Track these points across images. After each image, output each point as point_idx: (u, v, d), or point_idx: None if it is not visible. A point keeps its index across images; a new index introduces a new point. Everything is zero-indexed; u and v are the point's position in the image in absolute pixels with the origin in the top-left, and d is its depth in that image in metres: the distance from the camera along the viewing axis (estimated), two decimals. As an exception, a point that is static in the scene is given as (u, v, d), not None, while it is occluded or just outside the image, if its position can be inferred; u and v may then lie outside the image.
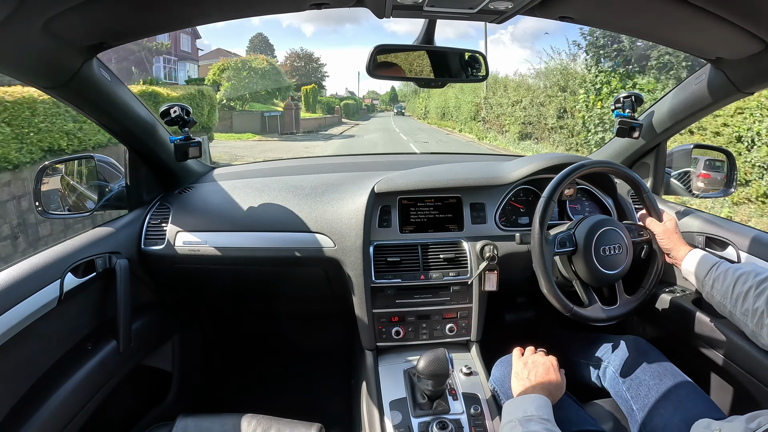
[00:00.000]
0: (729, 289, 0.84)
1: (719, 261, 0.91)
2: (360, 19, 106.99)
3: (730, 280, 0.85)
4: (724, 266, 0.88)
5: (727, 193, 1.37)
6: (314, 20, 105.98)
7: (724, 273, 0.87)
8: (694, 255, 0.96)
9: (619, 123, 1.25)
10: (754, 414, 0.65)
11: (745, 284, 0.81)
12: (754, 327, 0.78)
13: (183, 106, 1.14)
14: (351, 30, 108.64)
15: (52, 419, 0.87)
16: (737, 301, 0.82)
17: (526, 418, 0.75)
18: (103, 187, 1.18)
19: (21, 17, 0.61)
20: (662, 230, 1.04)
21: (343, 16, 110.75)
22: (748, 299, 0.80)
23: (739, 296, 0.82)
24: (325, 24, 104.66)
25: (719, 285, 0.87)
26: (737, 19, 0.71)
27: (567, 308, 0.98)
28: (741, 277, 0.83)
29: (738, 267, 0.86)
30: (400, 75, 1.03)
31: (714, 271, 0.89)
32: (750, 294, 0.80)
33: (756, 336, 0.79)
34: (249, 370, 1.80)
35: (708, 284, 0.89)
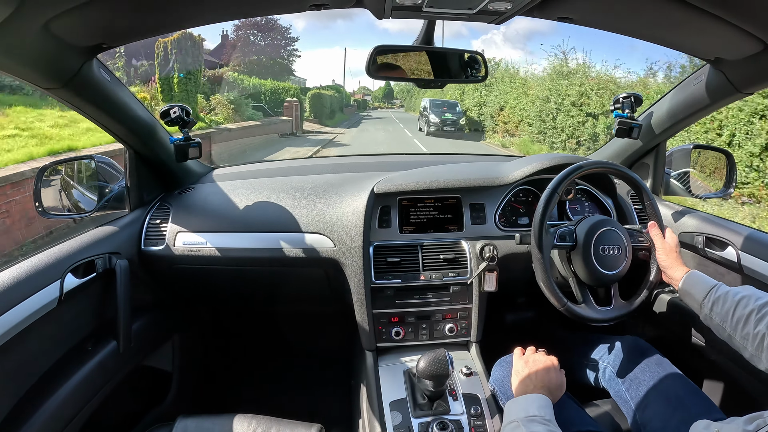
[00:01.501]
0: (729, 312, 0.82)
1: (718, 283, 0.89)
2: (353, 16, 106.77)
3: (730, 303, 0.83)
4: (723, 289, 0.87)
5: (726, 194, 1.37)
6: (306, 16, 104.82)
7: (724, 296, 0.85)
8: (693, 276, 0.93)
9: (619, 123, 1.25)
10: (752, 416, 0.65)
11: (745, 308, 0.80)
12: (753, 351, 0.77)
13: (183, 107, 1.14)
14: (343, 26, 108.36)
15: (52, 419, 0.87)
16: (737, 325, 0.80)
17: (529, 418, 0.75)
18: (103, 188, 1.18)
19: (21, 18, 0.61)
20: (662, 246, 1.01)
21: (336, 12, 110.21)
22: (749, 323, 0.78)
23: (739, 320, 0.80)
24: (317, 20, 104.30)
25: (718, 308, 0.85)
26: (736, 20, 0.71)
27: (561, 302, 0.98)
28: (741, 300, 0.81)
29: (737, 291, 0.84)
30: (400, 75, 1.03)
31: (713, 294, 0.87)
32: (751, 318, 0.78)
33: (755, 359, 0.78)
34: (249, 371, 1.80)
35: (707, 306, 0.87)
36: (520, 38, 79.81)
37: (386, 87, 64.44)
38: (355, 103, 39.27)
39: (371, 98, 60.83)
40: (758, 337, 0.76)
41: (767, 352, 0.75)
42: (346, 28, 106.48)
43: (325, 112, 21.16)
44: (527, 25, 78.85)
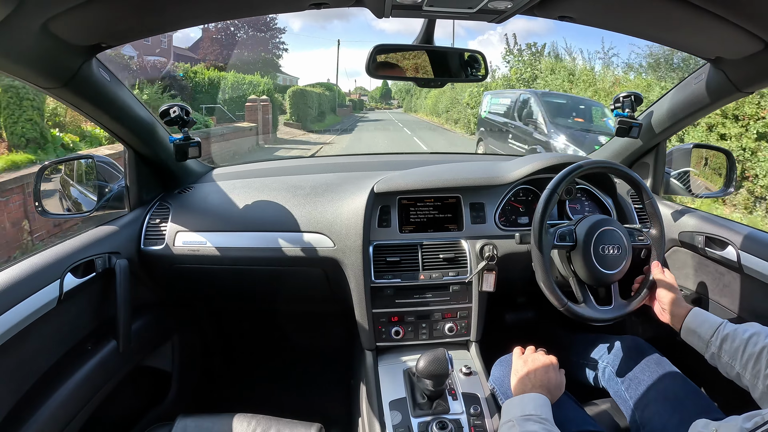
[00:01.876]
0: (739, 350, 0.81)
1: (723, 321, 0.87)
2: (349, 16, 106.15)
3: (740, 341, 0.81)
4: (731, 326, 0.85)
5: (726, 193, 1.37)
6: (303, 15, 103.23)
7: (733, 333, 0.83)
8: (698, 314, 0.91)
9: (619, 123, 1.25)
10: (750, 414, 0.65)
11: (756, 345, 0.78)
12: (765, 389, 0.75)
13: (182, 106, 1.14)
14: (339, 26, 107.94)
15: (52, 419, 0.87)
16: (748, 363, 0.79)
17: (525, 417, 0.75)
18: (103, 187, 1.18)
19: (21, 17, 0.61)
20: (665, 284, 0.97)
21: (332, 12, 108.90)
22: (761, 361, 0.77)
23: (750, 358, 0.78)
24: (313, 20, 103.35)
25: (728, 345, 0.83)
26: (737, 19, 0.71)
27: (561, 302, 0.97)
28: (752, 338, 0.80)
29: (745, 328, 0.83)
30: (400, 75, 1.03)
31: (721, 331, 0.85)
32: (763, 356, 0.77)
33: (764, 400, 0.76)
34: (249, 370, 1.80)
35: (715, 344, 0.85)
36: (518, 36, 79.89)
37: (383, 87, 62.03)
38: (351, 104, 35.64)
39: (368, 98, 58.02)
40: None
41: None
42: (342, 28, 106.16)
43: (311, 114, 17.16)
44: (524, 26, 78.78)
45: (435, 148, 11.35)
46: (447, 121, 19.41)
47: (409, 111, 38.13)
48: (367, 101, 53.69)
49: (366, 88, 64.37)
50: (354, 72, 77.98)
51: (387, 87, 60.67)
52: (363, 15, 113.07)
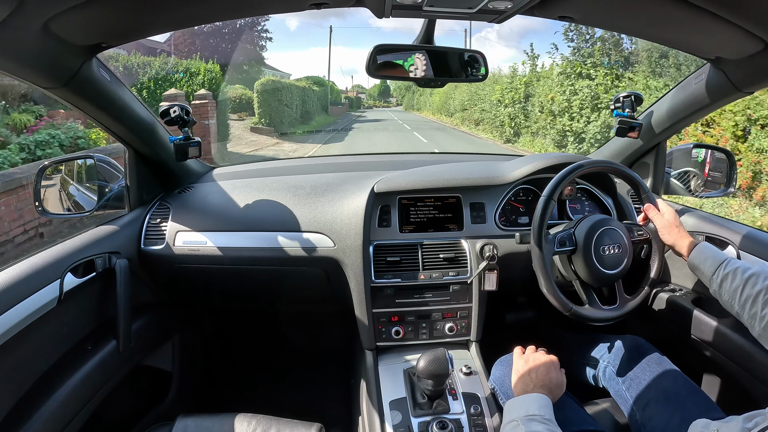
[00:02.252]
0: (738, 290, 0.82)
1: (728, 258, 0.89)
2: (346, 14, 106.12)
3: (739, 281, 0.83)
4: (733, 264, 0.87)
5: (727, 193, 1.37)
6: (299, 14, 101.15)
7: (733, 272, 0.85)
8: (702, 249, 0.93)
9: (619, 122, 1.25)
10: (751, 414, 0.65)
11: (754, 287, 0.80)
12: (761, 331, 0.78)
13: (183, 106, 1.14)
14: (335, 24, 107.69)
15: (52, 419, 0.87)
16: (746, 303, 0.80)
17: (528, 417, 0.75)
18: (103, 187, 1.18)
19: (21, 17, 0.61)
20: (663, 224, 1.02)
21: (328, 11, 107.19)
22: (757, 303, 0.78)
23: (748, 299, 0.80)
24: (310, 18, 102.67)
25: (728, 284, 0.85)
26: (737, 19, 0.71)
27: (566, 307, 0.98)
28: (751, 278, 0.81)
29: (747, 267, 0.85)
30: (400, 74, 1.03)
31: (722, 269, 0.87)
32: (759, 298, 0.78)
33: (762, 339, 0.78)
34: (249, 370, 1.80)
35: (716, 282, 0.87)
36: (515, 36, 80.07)
37: (382, 84, 58.55)
38: (347, 101, 31.00)
39: (366, 96, 54.69)
40: (765, 319, 0.76)
41: None
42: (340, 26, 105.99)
43: (290, 115, 13.15)
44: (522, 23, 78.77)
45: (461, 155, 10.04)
46: (463, 121, 16.28)
47: (411, 109, 35.42)
48: (365, 99, 50.52)
49: (364, 86, 61.62)
50: (351, 70, 77.32)
51: (385, 84, 57.60)
52: (360, 14, 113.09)
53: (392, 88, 56.29)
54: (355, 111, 31.12)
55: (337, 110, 23.89)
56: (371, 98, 56.57)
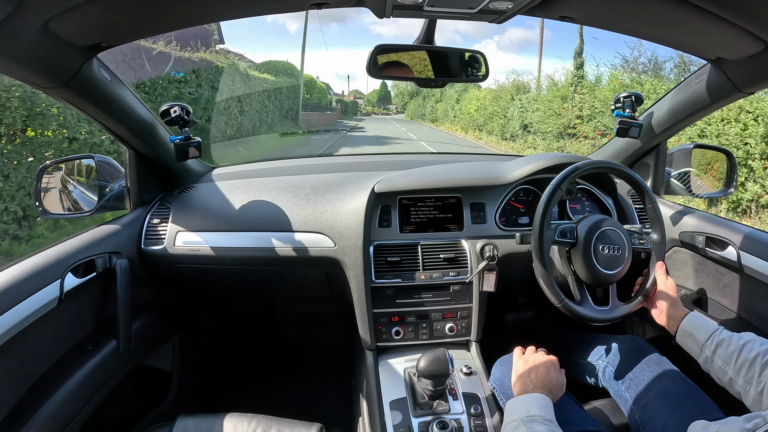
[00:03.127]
0: (733, 355, 0.81)
1: (719, 326, 0.88)
2: (346, 19, 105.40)
3: (734, 347, 0.82)
4: (726, 332, 0.86)
5: (727, 193, 1.37)
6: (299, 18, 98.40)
7: (728, 339, 0.84)
8: (694, 317, 0.92)
9: (619, 123, 1.25)
10: (751, 415, 0.65)
11: (750, 352, 0.79)
12: (756, 395, 0.76)
13: (183, 106, 1.14)
14: (336, 29, 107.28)
15: (52, 419, 0.87)
16: (741, 368, 0.79)
17: (530, 417, 0.75)
18: (103, 187, 1.18)
19: (21, 17, 0.61)
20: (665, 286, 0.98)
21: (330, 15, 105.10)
22: (755, 367, 0.77)
23: (744, 363, 0.79)
24: (310, 23, 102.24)
25: (722, 350, 0.84)
26: (737, 19, 0.71)
27: (558, 298, 0.97)
28: (746, 345, 0.81)
29: (741, 335, 0.84)
30: (401, 75, 1.03)
31: (717, 336, 0.86)
32: (757, 362, 0.77)
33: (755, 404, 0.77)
34: (249, 370, 1.80)
35: (709, 348, 0.86)
36: (513, 47, 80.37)
37: (382, 89, 54.43)
38: (339, 106, 25.43)
39: (364, 102, 50.17)
40: (762, 384, 0.75)
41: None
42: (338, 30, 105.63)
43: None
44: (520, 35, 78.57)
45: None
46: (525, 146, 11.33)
47: (417, 118, 30.16)
48: (362, 104, 45.62)
49: (362, 92, 57.31)
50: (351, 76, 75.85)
51: (386, 90, 54.01)
52: (360, 18, 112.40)
53: (393, 94, 51.97)
54: (348, 118, 25.35)
55: (321, 118, 16.43)
56: (369, 104, 52.31)
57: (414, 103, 33.36)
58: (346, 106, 31.22)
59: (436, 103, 25.16)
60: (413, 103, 34.62)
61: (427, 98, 28.23)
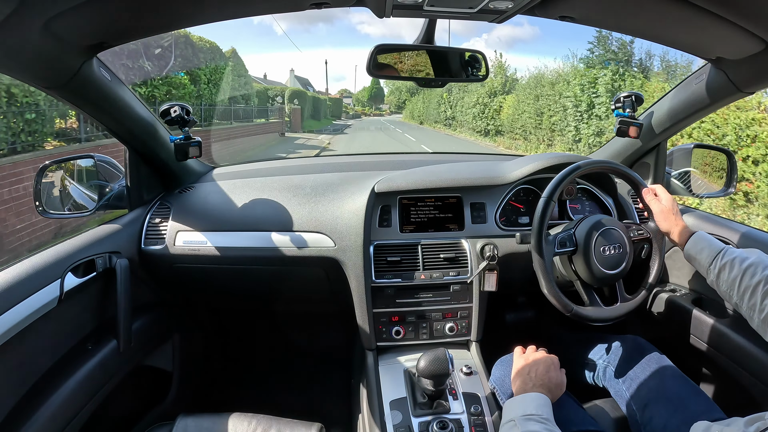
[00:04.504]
0: (736, 281, 0.81)
1: (724, 248, 0.87)
2: (333, 18, 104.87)
3: (737, 271, 0.81)
4: (730, 254, 0.85)
5: (727, 193, 1.37)
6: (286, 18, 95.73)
7: (731, 262, 0.83)
8: (698, 239, 0.91)
9: (619, 123, 1.25)
10: (753, 417, 0.65)
11: (753, 278, 0.78)
12: (760, 323, 0.77)
13: (183, 106, 1.14)
14: (323, 29, 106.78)
15: (52, 419, 0.87)
16: (744, 294, 0.79)
17: (526, 417, 0.75)
18: (104, 187, 1.18)
19: (21, 17, 0.61)
20: (660, 209, 1.00)
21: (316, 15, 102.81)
22: (756, 295, 0.77)
23: (747, 289, 0.79)
24: (297, 23, 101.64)
25: (725, 275, 0.83)
26: (737, 19, 0.71)
27: (568, 308, 0.98)
28: (749, 269, 0.80)
29: (745, 257, 0.83)
30: (400, 74, 1.03)
31: (720, 260, 0.85)
32: (759, 290, 0.77)
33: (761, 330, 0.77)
34: (249, 370, 1.80)
35: (713, 272, 0.86)
36: (502, 45, 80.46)
37: (372, 86, 48.00)
38: (294, 106, 17.56)
39: (353, 101, 43.05)
40: (765, 311, 0.75)
41: None
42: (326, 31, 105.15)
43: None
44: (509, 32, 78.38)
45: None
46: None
47: (412, 119, 25.65)
48: (351, 105, 38.29)
49: (351, 90, 50.17)
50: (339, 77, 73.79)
51: (377, 86, 47.58)
52: (348, 19, 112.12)
53: (387, 91, 46.58)
54: (322, 124, 18.11)
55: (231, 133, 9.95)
56: (359, 103, 45.69)
57: (417, 102, 27.14)
58: (318, 106, 20.00)
59: (426, 98, 22.05)
60: (415, 102, 27.86)
61: (423, 92, 23.50)
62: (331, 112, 23.59)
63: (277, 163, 1.65)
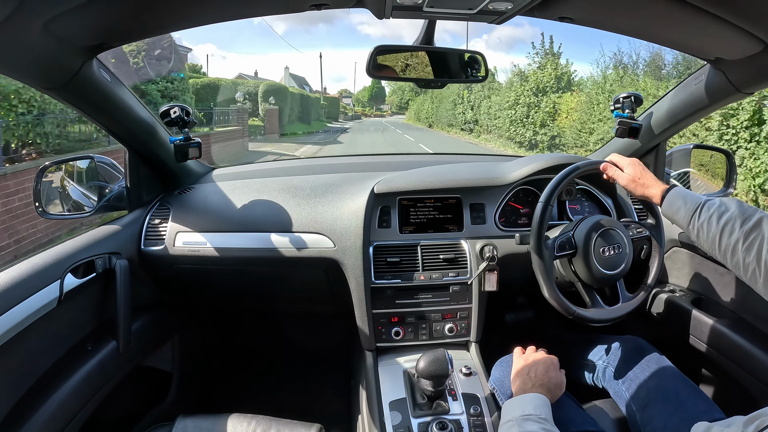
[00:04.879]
0: (715, 241, 0.77)
1: (700, 204, 0.82)
2: (333, 19, 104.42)
3: (715, 230, 0.77)
4: (707, 212, 0.80)
5: (727, 193, 1.37)
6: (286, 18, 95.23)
7: (708, 221, 0.79)
8: (672, 199, 0.86)
9: (619, 123, 1.25)
10: (752, 416, 0.65)
11: (731, 236, 0.75)
12: (748, 280, 0.74)
13: (183, 107, 1.14)
14: (323, 30, 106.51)
15: (52, 419, 0.87)
16: (726, 254, 0.76)
17: (524, 417, 0.75)
18: (103, 188, 1.18)
19: (21, 17, 0.61)
20: (626, 182, 0.96)
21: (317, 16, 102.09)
22: (737, 253, 0.74)
23: (727, 249, 0.75)
24: (297, 23, 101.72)
25: (704, 236, 0.80)
26: (737, 20, 0.71)
27: (569, 311, 0.98)
28: (726, 226, 0.76)
29: (722, 211, 0.78)
30: (400, 75, 1.03)
31: (696, 220, 0.81)
32: (738, 248, 0.74)
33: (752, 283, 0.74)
34: (249, 371, 1.80)
35: (692, 233, 0.82)
36: (503, 45, 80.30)
37: (373, 86, 44.97)
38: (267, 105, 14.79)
39: (352, 102, 41.39)
40: (749, 269, 0.72)
41: (764, 285, 0.71)
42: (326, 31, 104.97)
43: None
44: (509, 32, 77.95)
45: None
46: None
47: (416, 120, 23.12)
48: (351, 105, 36.72)
49: (350, 90, 48.46)
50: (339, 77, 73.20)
51: (379, 86, 45.47)
52: (348, 19, 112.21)
53: (388, 91, 44.18)
54: (317, 127, 15.64)
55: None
56: (359, 104, 43.55)
57: (423, 102, 24.01)
58: (307, 106, 16.19)
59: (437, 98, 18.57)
60: (421, 102, 24.08)
61: (438, 95, 19.22)
62: (326, 113, 20.24)
63: (277, 164, 1.65)
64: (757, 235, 0.73)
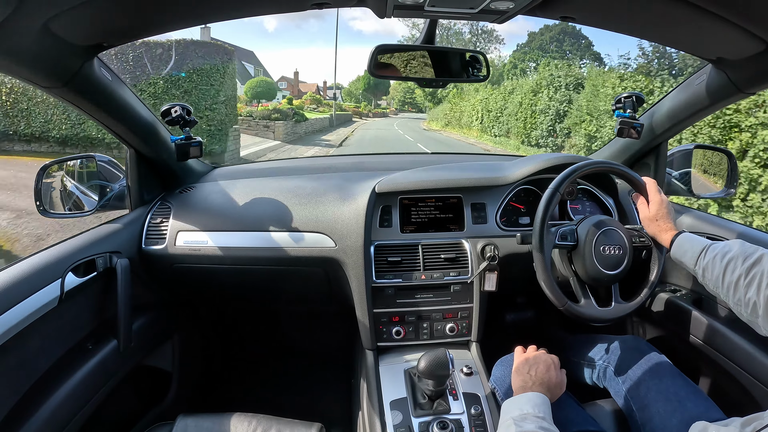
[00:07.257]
0: (719, 279, 0.81)
1: (706, 247, 0.87)
2: (324, 15, 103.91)
3: (719, 269, 0.81)
4: (711, 253, 0.85)
5: (728, 194, 1.37)
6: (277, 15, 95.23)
7: (712, 261, 0.84)
8: (681, 242, 0.92)
9: (620, 123, 1.25)
10: (750, 417, 0.65)
11: (734, 273, 0.78)
12: (749, 317, 0.77)
13: (184, 106, 1.14)
14: (316, 26, 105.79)
15: (52, 419, 0.87)
16: (729, 291, 0.79)
17: (522, 416, 0.76)
18: (104, 187, 1.18)
19: (21, 17, 0.61)
20: (644, 217, 1.02)
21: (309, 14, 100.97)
22: (739, 290, 0.77)
23: (729, 286, 0.79)
24: (289, 20, 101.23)
25: (709, 275, 0.84)
26: (738, 19, 0.71)
27: (561, 301, 0.98)
28: (729, 264, 0.80)
29: (726, 251, 0.82)
30: (401, 75, 1.03)
31: (702, 260, 0.85)
32: (740, 284, 0.77)
33: (753, 325, 0.77)
34: (249, 370, 1.80)
35: (699, 274, 0.87)
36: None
37: (365, 77, 37.24)
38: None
39: (341, 95, 34.37)
40: (750, 304, 0.75)
41: (764, 318, 0.73)
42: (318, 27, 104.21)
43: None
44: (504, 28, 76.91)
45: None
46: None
47: (432, 122, 18.56)
48: (339, 99, 30.26)
49: (342, 84, 41.49)
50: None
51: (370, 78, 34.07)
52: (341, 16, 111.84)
53: (391, 84, 37.83)
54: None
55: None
56: (350, 98, 37.07)
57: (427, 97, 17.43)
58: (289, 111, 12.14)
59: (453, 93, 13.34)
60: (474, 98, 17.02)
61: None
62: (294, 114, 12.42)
63: (278, 163, 1.65)
64: (758, 270, 0.76)
